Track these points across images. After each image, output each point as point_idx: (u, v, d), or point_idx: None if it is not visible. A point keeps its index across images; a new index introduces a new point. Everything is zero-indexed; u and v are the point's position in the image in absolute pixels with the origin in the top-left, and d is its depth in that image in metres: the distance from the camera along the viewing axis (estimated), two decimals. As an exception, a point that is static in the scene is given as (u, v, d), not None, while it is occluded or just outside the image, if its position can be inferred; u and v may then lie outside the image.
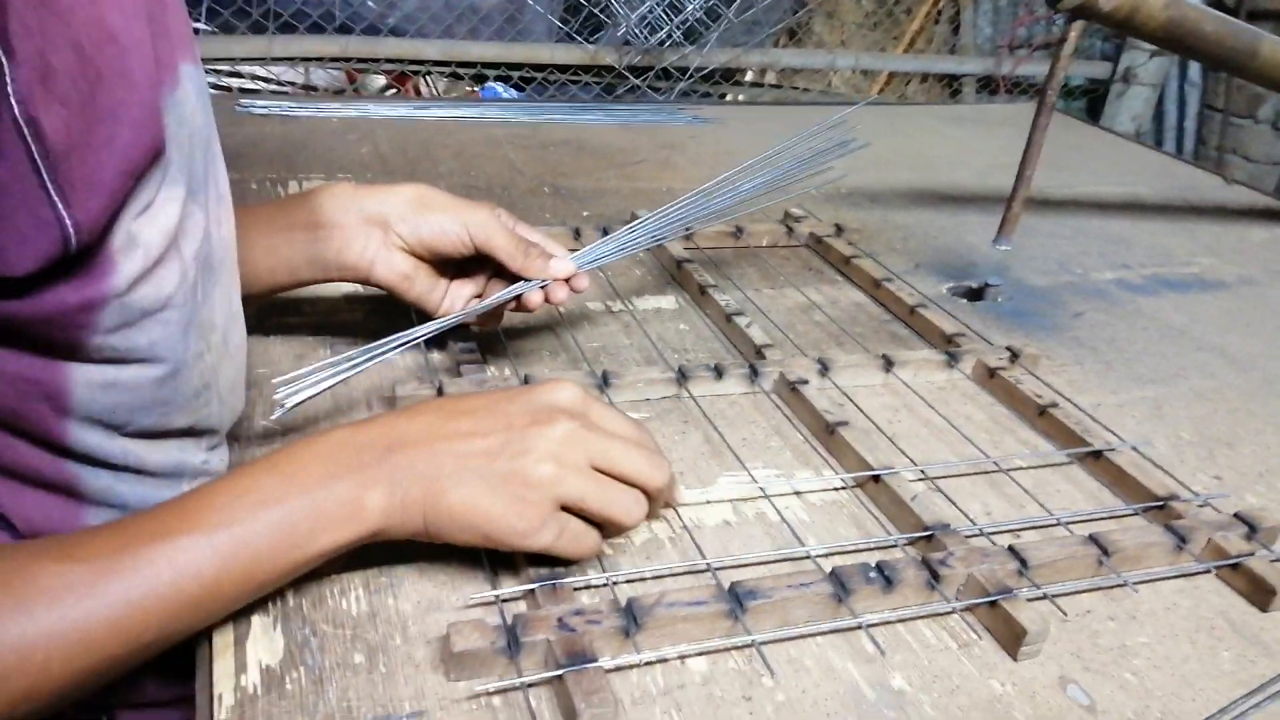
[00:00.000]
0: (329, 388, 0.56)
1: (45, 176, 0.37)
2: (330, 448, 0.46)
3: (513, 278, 0.66)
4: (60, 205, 0.38)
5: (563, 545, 0.48)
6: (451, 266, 0.67)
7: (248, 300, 0.60)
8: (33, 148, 0.37)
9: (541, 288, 0.66)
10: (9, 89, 0.36)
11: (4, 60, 0.35)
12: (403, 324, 0.63)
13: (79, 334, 0.42)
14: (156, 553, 0.40)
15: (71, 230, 0.39)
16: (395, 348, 0.59)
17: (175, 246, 0.46)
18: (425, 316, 0.66)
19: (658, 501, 0.53)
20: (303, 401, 0.54)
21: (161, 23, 0.44)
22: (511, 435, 0.47)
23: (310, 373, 0.55)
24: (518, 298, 0.66)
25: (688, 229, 0.74)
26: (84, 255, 0.41)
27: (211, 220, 0.50)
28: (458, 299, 0.67)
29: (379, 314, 0.75)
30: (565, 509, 0.48)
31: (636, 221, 0.72)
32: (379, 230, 0.64)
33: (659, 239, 0.72)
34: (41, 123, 0.37)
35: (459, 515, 0.46)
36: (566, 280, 0.66)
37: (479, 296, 0.68)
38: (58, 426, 0.44)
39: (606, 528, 0.51)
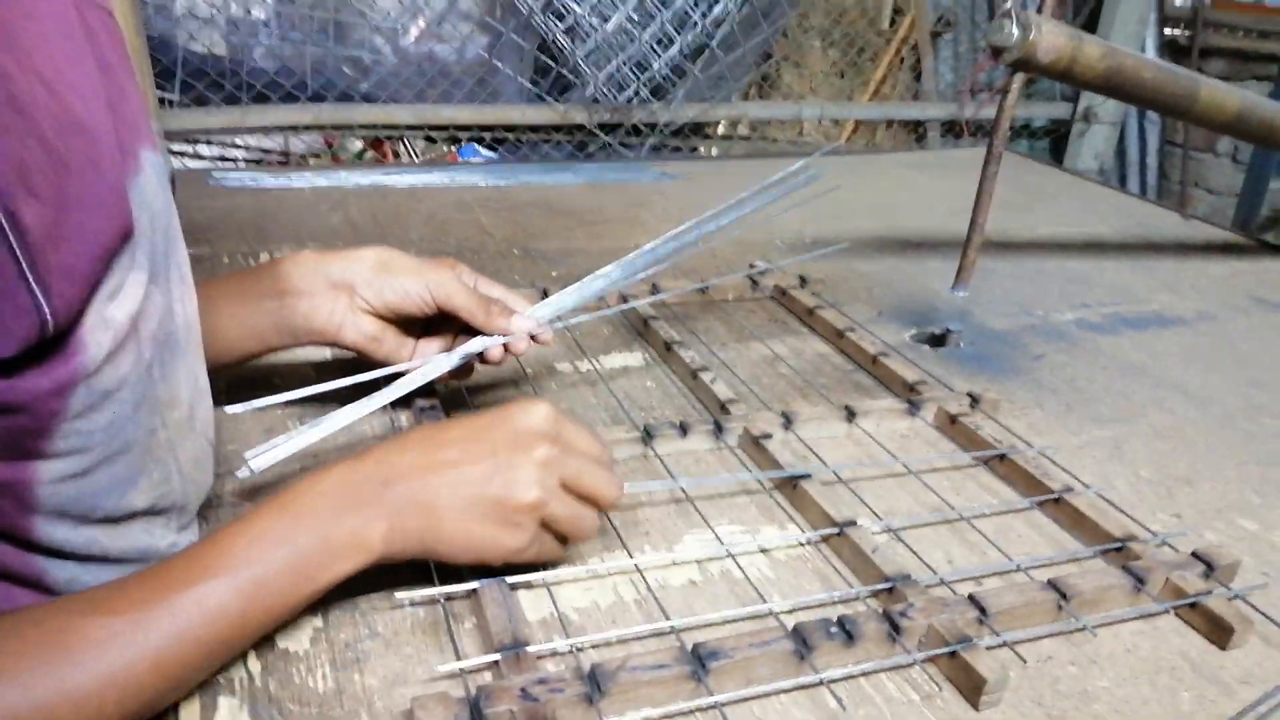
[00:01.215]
0: (296, 451, 0.58)
1: (24, 266, 0.39)
2: (332, 486, 0.49)
3: (478, 331, 0.68)
4: (39, 293, 0.40)
5: (540, 557, 0.54)
6: (418, 325, 0.69)
7: (219, 370, 0.62)
8: (12, 239, 0.39)
9: (504, 345, 0.67)
10: None
11: None
12: (371, 390, 0.64)
13: (50, 421, 0.43)
14: (187, 599, 0.44)
15: (49, 315, 0.41)
16: (363, 413, 0.62)
17: (135, 328, 0.47)
18: (391, 380, 0.67)
19: (612, 509, 0.58)
20: (269, 465, 0.57)
21: (122, 110, 0.46)
22: (498, 463, 0.51)
23: (281, 441, 0.58)
24: (483, 355, 0.67)
25: (645, 276, 0.75)
26: (58, 339, 0.42)
27: (175, 299, 0.52)
28: (425, 356, 0.69)
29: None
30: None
31: (597, 272, 0.73)
32: (345, 295, 0.66)
33: (615, 286, 0.73)
34: (20, 215, 0.39)
35: (457, 541, 0.50)
36: (532, 337, 0.68)
37: (447, 352, 0.69)
38: (24, 523, 0.45)
39: (570, 539, 0.55)
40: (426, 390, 0.71)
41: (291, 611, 0.48)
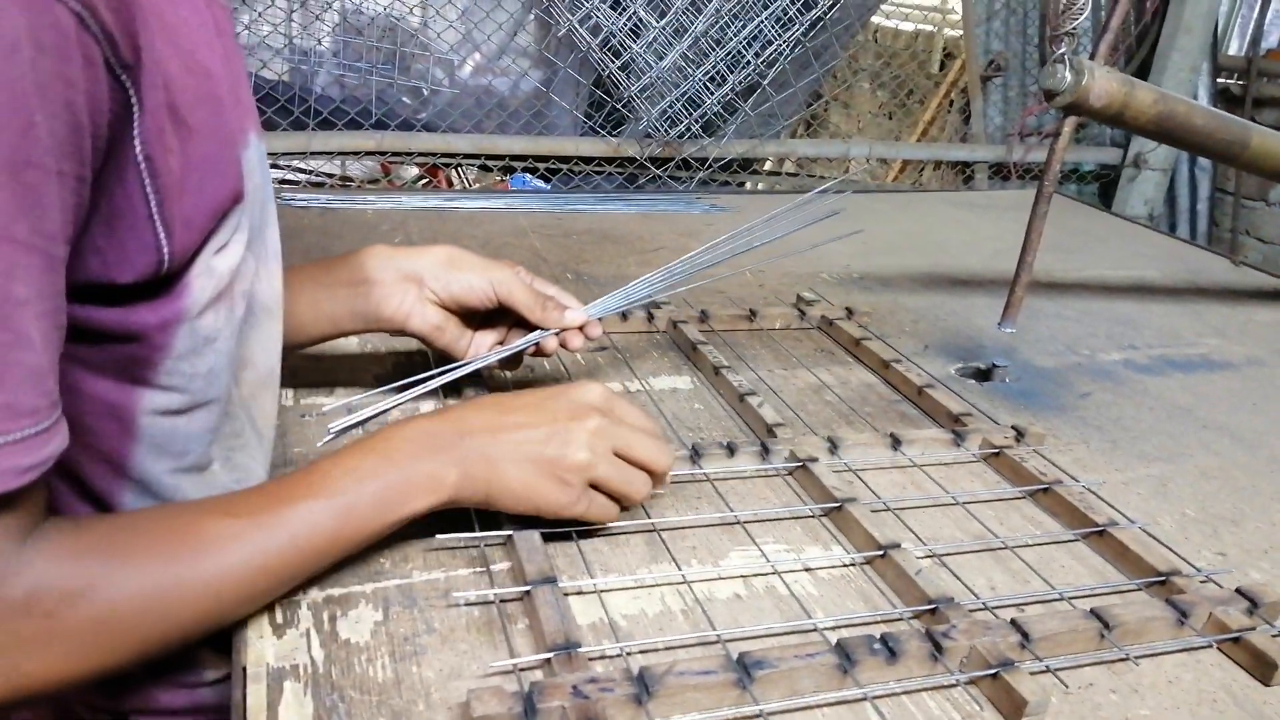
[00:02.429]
0: (371, 418, 0.68)
1: (153, 209, 0.45)
2: (415, 434, 0.56)
3: (532, 327, 0.74)
4: (161, 233, 0.46)
5: (591, 514, 0.60)
6: (476, 318, 0.75)
7: (293, 349, 0.70)
8: (147, 183, 0.45)
9: (556, 335, 0.73)
10: (136, 132, 0.43)
11: (136, 109, 0.43)
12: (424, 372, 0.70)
13: (156, 355, 0.50)
14: (293, 513, 0.51)
15: (167, 255, 0.47)
16: (430, 383, 0.71)
17: (231, 283, 0.53)
18: (444, 362, 0.74)
19: (662, 481, 0.64)
20: (347, 429, 0.66)
21: (235, 93, 0.52)
22: (556, 428, 0.58)
23: (356, 402, 0.69)
24: (537, 344, 0.73)
25: (683, 290, 0.79)
26: (169, 280, 0.48)
27: (261, 269, 0.57)
28: (482, 346, 0.75)
29: (397, 370, 0.79)
30: (593, 486, 0.59)
31: (640, 279, 0.78)
32: (414, 286, 0.71)
33: (655, 292, 0.78)
34: (156, 162, 0.45)
35: (515, 491, 0.57)
36: (580, 329, 0.74)
37: (500, 343, 0.76)
38: (124, 448, 0.51)
39: (622, 501, 0.61)
40: (476, 383, 0.77)
41: (373, 536, 0.54)
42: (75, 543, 0.45)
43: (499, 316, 0.75)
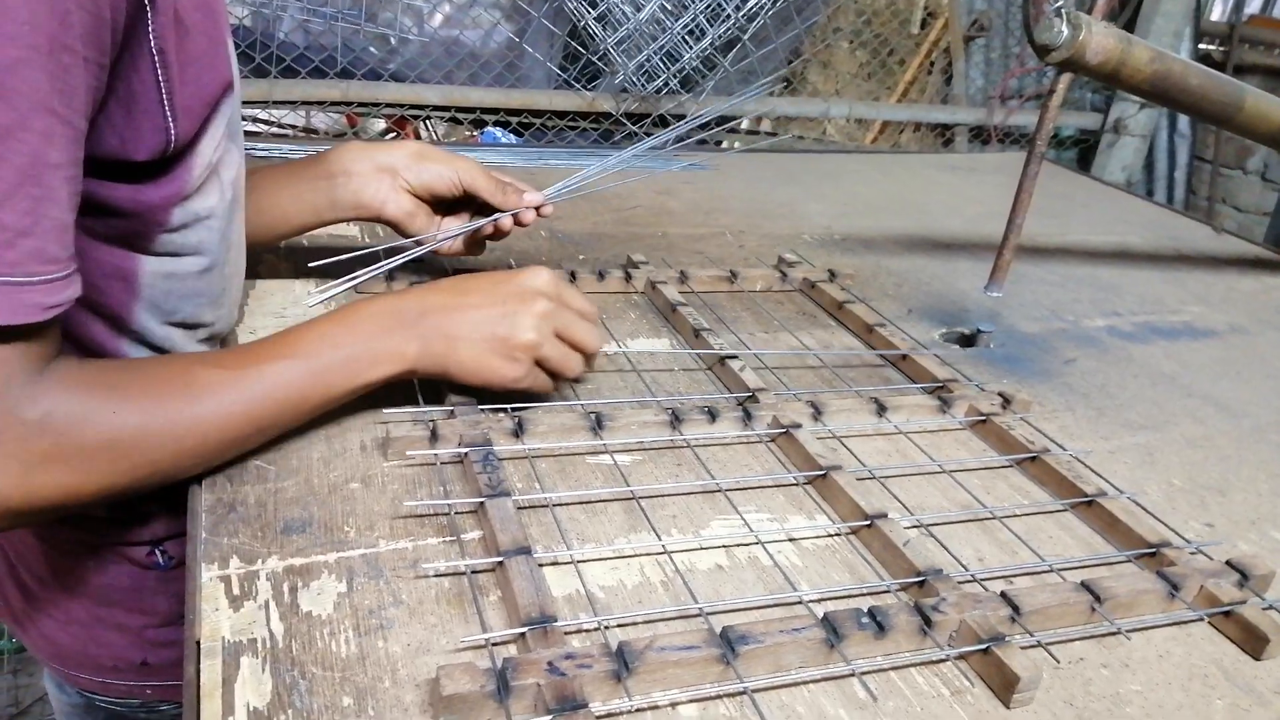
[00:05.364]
0: (347, 288, 0.74)
1: (164, 94, 0.53)
2: (379, 310, 0.62)
3: (493, 214, 0.81)
4: (170, 117, 0.53)
5: (536, 387, 0.67)
6: (444, 206, 0.83)
7: (280, 238, 0.80)
8: (159, 72, 0.52)
9: (513, 216, 0.80)
10: (150, 28, 0.51)
11: (149, 10, 0.50)
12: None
13: (154, 229, 0.57)
14: (272, 369, 0.57)
15: (174, 137, 0.54)
16: (400, 258, 0.77)
17: (216, 170, 0.60)
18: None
19: (594, 360, 0.70)
20: (327, 298, 0.75)
21: (219, 6, 0.60)
22: (507, 309, 0.64)
23: (336, 270, 0.74)
24: (495, 224, 0.80)
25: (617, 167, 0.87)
26: (171, 163, 0.56)
27: (241, 161, 0.64)
28: (449, 231, 0.83)
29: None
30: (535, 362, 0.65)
31: (585, 170, 0.85)
32: (388, 176, 0.79)
33: (593, 179, 0.85)
34: (166, 55, 0.52)
35: (467, 366, 0.63)
36: (536, 209, 0.80)
37: None
38: (128, 306, 0.59)
39: (559, 375, 0.68)
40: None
41: (340, 398, 0.60)
42: (82, 375, 0.51)
43: (464, 205, 0.82)
